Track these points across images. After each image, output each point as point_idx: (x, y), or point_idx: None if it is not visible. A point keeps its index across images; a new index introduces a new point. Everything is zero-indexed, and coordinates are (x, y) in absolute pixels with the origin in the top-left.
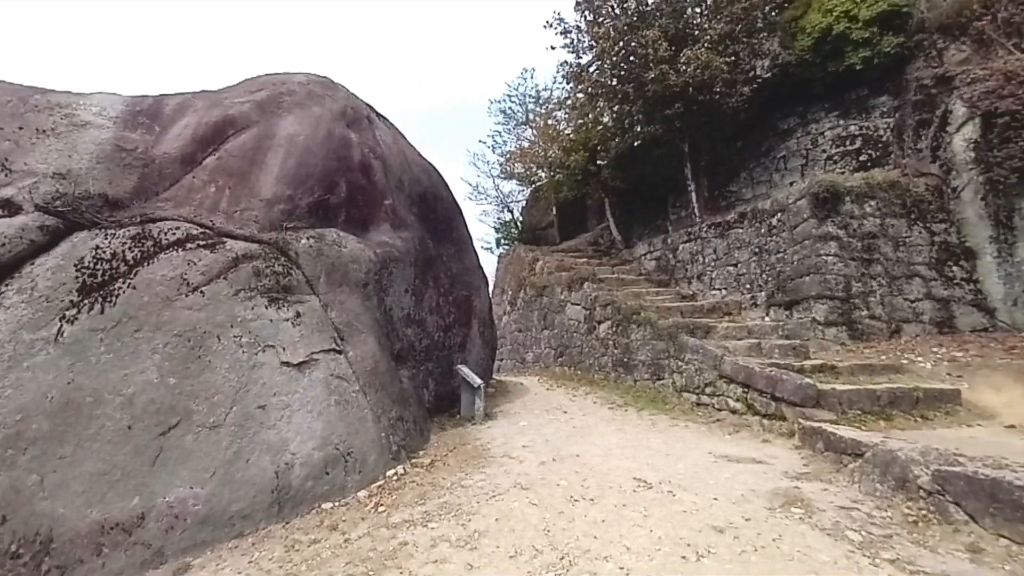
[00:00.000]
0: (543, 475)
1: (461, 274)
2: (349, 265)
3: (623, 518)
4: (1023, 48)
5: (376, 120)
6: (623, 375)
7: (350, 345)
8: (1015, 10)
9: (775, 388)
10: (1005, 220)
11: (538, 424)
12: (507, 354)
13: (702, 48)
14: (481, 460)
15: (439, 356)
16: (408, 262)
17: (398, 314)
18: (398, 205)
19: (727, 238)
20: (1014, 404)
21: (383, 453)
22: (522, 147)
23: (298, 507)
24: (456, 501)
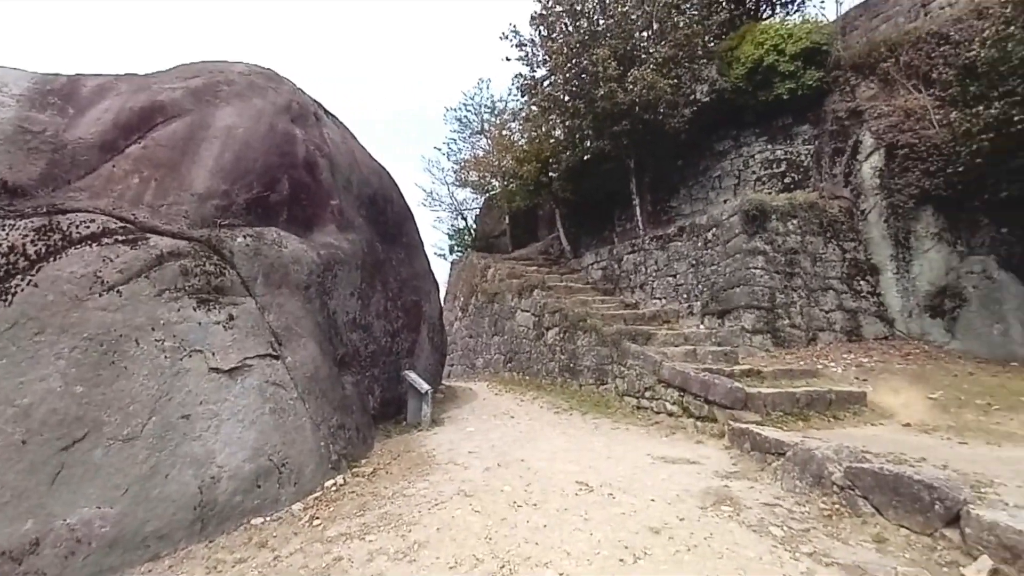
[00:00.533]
0: (488, 481)
1: (411, 279)
2: (290, 266)
3: (564, 522)
4: (920, 89)
5: (324, 118)
6: (569, 380)
7: (289, 350)
8: (915, 55)
9: (708, 392)
10: (903, 240)
11: (485, 429)
12: (458, 360)
13: (648, 69)
14: (426, 467)
15: (386, 362)
16: (355, 265)
17: (343, 318)
18: (345, 206)
19: (667, 250)
20: (909, 405)
21: (322, 463)
22: (476, 156)
23: (224, 524)
24: (397, 511)
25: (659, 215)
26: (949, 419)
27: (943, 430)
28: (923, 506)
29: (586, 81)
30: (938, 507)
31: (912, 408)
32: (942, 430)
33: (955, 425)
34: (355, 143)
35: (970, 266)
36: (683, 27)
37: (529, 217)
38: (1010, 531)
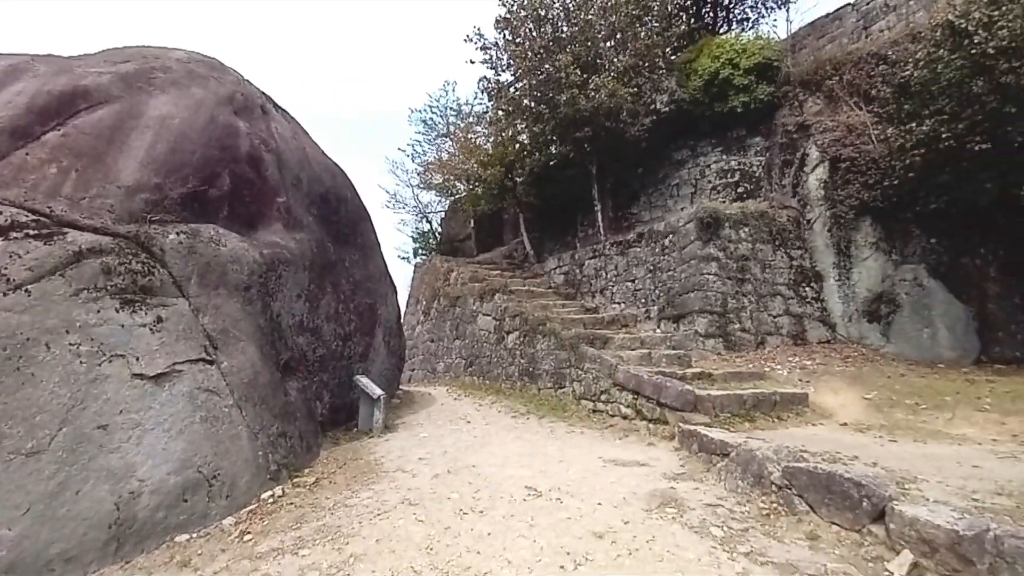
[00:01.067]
0: (435, 489)
1: (365, 280)
2: (228, 265)
3: (509, 529)
4: (861, 106)
5: (273, 111)
6: (528, 384)
7: (225, 354)
8: (856, 74)
9: (660, 394)
10: (844, 249)
11: (439, 435)
12: (419, 364)
13: (609, 77)
14: (372, 476)
15: (337, 366)
16: (302, 265)
17: (288, 321)
18: (294, 204)
19: (627, 256)
20: (847, 405)
21: (259, 473)
22: (441, 158)
23: (144, 542)
24: (336, 523)
25: (620, 221)
26: (882, 418)
27: (876, 429)
28: (852, 503)
29: (549, 86)
30: (866, 504)
31: (849, 408)
32: (875, 429)
33: (887, 424)
34: (307, 139)
35: (903, 274)
36: (644, 37)
37: (494, 221)
38: (929, 526)
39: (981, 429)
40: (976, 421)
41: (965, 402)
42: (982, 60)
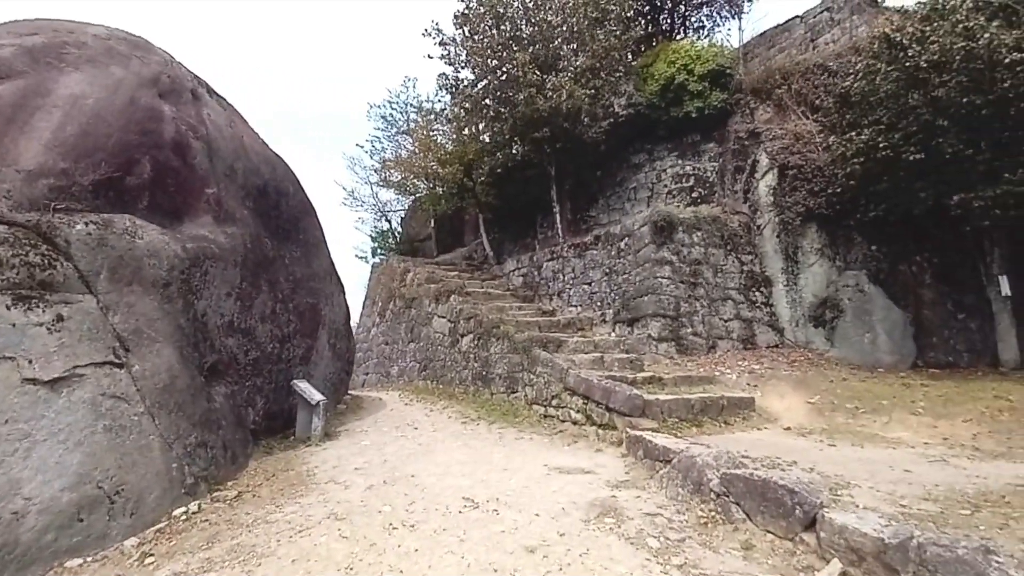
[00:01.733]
0: (367, 501)
1: (307, 279)
2: (145, 260)
3: (438, 545)
4: (807, 115)
5: (206, 97)
6: (481, 388)
7: (137, 357)
8: (803, 84)
9: (609, 399)
10: (792, 255)
11: (382, 442)
12: (373, 368)
13: (567, 77)
14: (301, 488)
15: (273, 370)
16: (233, 261)
17: (216, 321)
18: (226, 196)
19: (584, 258)
20: (791, 409)
21: (172, 487)
22: (399, 155)
23: (27, 569)
24: (251, 542)
25: (579, 223)
26: (823, 422)
27: (817, 432)
28: (786, 511)
29: (508, 85)
30: (798, 512)
31: (793, 412)
32: (816, 432)
33: (827, 428)
34: (245, 128)
35: (847, 280)
36: (602, 39)
37: (455, 222)
38: (857, 534)
39: (915, 432)
40: (910, 424)
41: (901, 406)
42: (916, 73)
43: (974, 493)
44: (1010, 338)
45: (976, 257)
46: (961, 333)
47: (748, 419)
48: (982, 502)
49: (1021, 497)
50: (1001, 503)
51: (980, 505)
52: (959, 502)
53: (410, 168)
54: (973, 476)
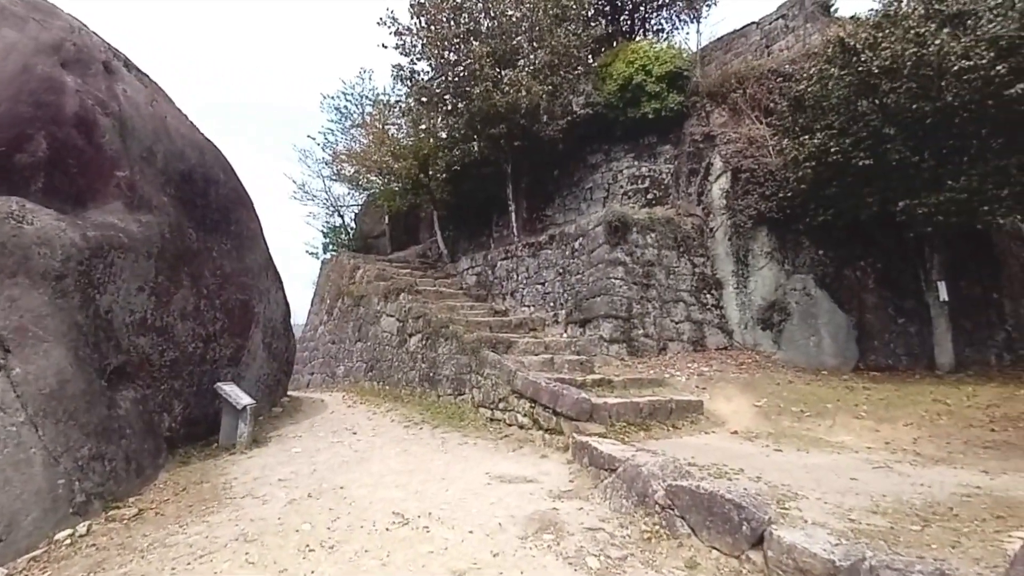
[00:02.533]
0: (285, 519)
1: (239, 274)
2: (33, 248)
3: (358, 570)
4: (761, 120)
5: (122, 71)
6: (428, 390)
7: (19, 358)
8: (758, 88)
9: (556, 403)
10: (743, 258)
11: (315, 450)
12: (319, 367)
13: (524, 73)
14: (213, 503)
15: (195, 372)
16: (148, 253)
17: (124, 319)
18: (142, 180)
19: (538, 258)
20: (738, 412)
21: (56, 507)
22: (351, 148)
23: None
24: (142, 571)
25: (535, 222)
26: (769, 426)
27: (764, 437)
28: (732, 527)
29: (464, 78)
30: (745, 528)
31: (741, 415)
32: (763, 437)
33: (774, 432)
34: (170, 108)
35: (794, 283)
36: (561, 36)
37: (410, 219)
38: (806, 554)
39: (858, 436)
40: (854, 428)
41: (844, 409)
42: (867, 79)
43: (922, 505)
44: (946, 343)
45: (917, 263)
46: (901, 337)
47: (696, 422)
48: (931, 515)
49: (968, 508)
50: (950, 516)
51: (929, 519)
52: (908, 515)
53: (363, 162)
54: (918, 484)
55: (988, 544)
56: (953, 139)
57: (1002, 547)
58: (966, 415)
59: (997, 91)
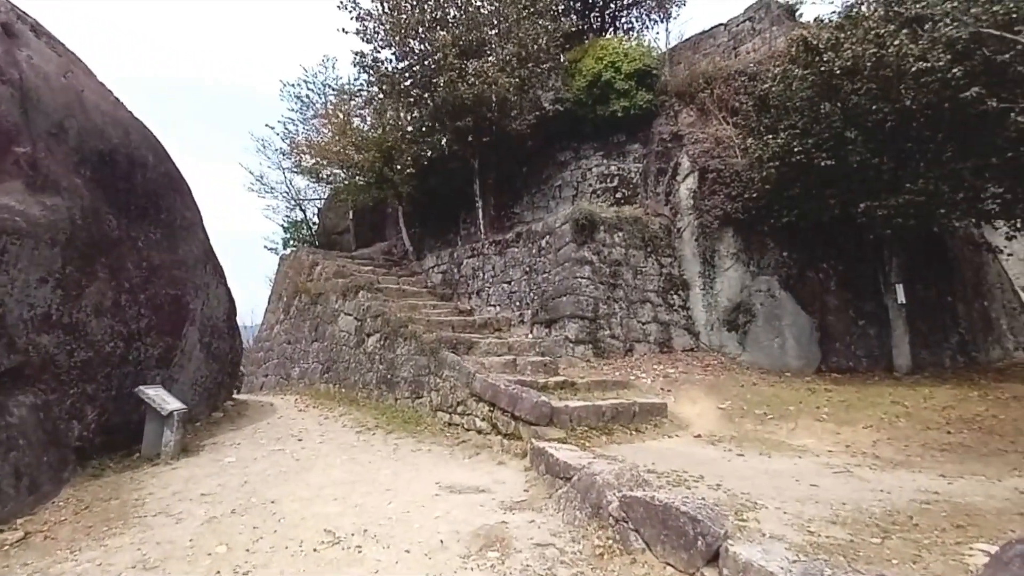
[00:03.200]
0: (198, 541)
1: (169, 267)
2: None
3: None
4: (728, 120)
5: (28, 35)
6: (386, 393)
7: None
8: (725, 89)
9: (515, 407)
10: (709, 259)
11: (252, 459)
12: (273, 369)
13: (490, 64)
14: (118, 524)
15: (114, 375)
16: (52, 240)
17: (21, 314)
18: (48, 159)
19: (505, 256)
20: (703, 415)
21: None
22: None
23: None
24: None
25: (503, 220)
26: (733, 429)
27: (727, 440)
28: (687, 542)
29: (428, 68)
30: (700, 544)
31: (705, 418)
32: (726, 440)
33: (737, 435)
34: (89, 81)
35: (759, 285)
36: (529, 28)
37: (376, 215)
38: (762, 573)
39: (819, 439)
40: (815, 431)
41: (806, 412)
42: (830, 79)
43: (881, 513)
44: (903, 345)
45: (876, 266)
46: (861, 339)
47: (660, 426)
48: (891, 525)
49: (928, 517)
50: (910, 526)
51: (889, 529)
52: (868, 526)
53: (323, 153)
54: (878, 490)
55: (949, 558)
56: (911, 142)
57: (964, 561)
58: (923, 417)
59: (953, 94)
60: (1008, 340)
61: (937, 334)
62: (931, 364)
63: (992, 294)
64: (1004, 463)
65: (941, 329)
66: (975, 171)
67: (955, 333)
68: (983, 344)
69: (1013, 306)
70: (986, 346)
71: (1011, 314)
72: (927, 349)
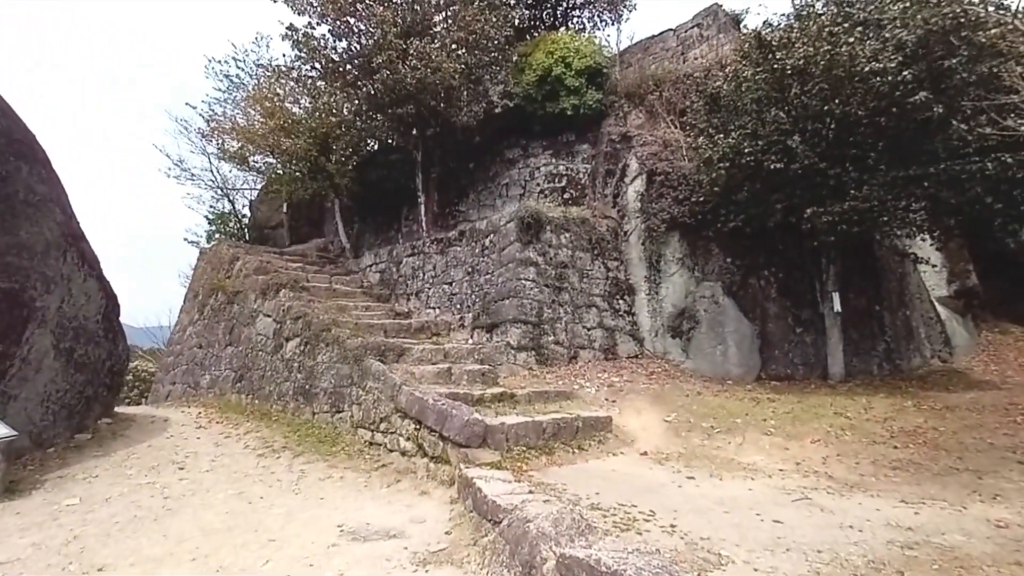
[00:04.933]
0: None
1: (4, 253)
2: None
3: None
4: (676, 124)
5: None
6: (303, 406)
7: None
8: (674, 92)
9: (444, 425)
10: (655, 263)
11: (102, 500)
12: (181, 376)
13: (435, 47)
14: None
15: None
16: None
17: None
18: None
19: (447, 255)
20: (649, 429)
21: None
22: (235, 120)
23: None
24: None
25: (447, 218)
26: (680, 444)
27: (675, 459)
28: None
29: (368, 48)
30: None
31: (650, 432)
32: (674, 459)
33: (684, 452)
34: None
35: (703, 291)
36: (477, 13)
37: (314, 209)
38: None
39: (768, 456)
40: (763, 447)
41: (753, 424)
42: (781, 79)
43: (864, 566)
44: (838, 352)
45: (813, 274)
46: (798, 347)
47: (604, 442)
48: None
49: (918, 570)
50: None
51: None
52: None
53: (249, 137)
54: (847, 526)
55: None
56: (856, 148)
57: None
58: (867, 430)
59: (902, 98)
60: (926, 348)
61: (866, 342)
62: (861, 371)
63: (913, 304)
64: (960, 484)
65: (870, 337)
66: (911, 180)
67: (882, 341)
68: (905, 352)
69: (931, 315)
70: (908, 354)
71: (928, 323)
72: (857, 357)
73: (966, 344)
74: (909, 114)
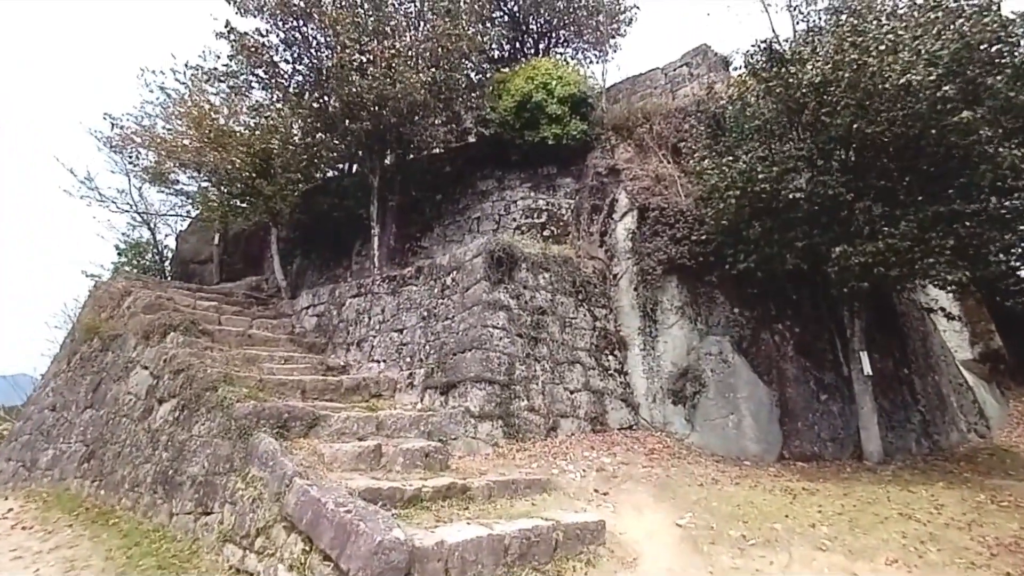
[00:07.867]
0: None
1: None
2: None
3: None
4: (669, 159)
5: None
6: (160, 502)
7: None
8: (665, 125)
9: (345, 548)
10: (651, 312)
11: None
12: (17, 452)
13: (394, 51)
14: None
15: None
16: None
17: None
18: None
19: (399, 296)
20: (655, 537)
21: None
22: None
23: None
24: None
25: (406, 254)
26: (704, 567)
27: None
28: None
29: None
30: None
31: (659, 543)
32: None
33: None
34: None
35: (708, 347)
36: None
37: (255, 243)
38: None
39: None
40: (820, 568)
41: (799, 533)
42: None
43: None
44: (872, 426)
45: (834, 329)
46: (825, 418)
47: (595, 563)
48: None
49: None
50: None
51: None
52: None
53: (170, 151)
54: None
55: None
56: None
57: None
58: (953, 541)
59: (941, 117)
60: (960, 420)
61: (899, 413)
62: (899, 449)
63: (939, 367)
64: None
65: (903, 407)
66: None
67: (916, 412)
68: (941, 425)
69: (959, 381)
70: (944, 427)
71: (959, 391)
72: (892, 431)
73: (998, 416)
74: (949, 137)
